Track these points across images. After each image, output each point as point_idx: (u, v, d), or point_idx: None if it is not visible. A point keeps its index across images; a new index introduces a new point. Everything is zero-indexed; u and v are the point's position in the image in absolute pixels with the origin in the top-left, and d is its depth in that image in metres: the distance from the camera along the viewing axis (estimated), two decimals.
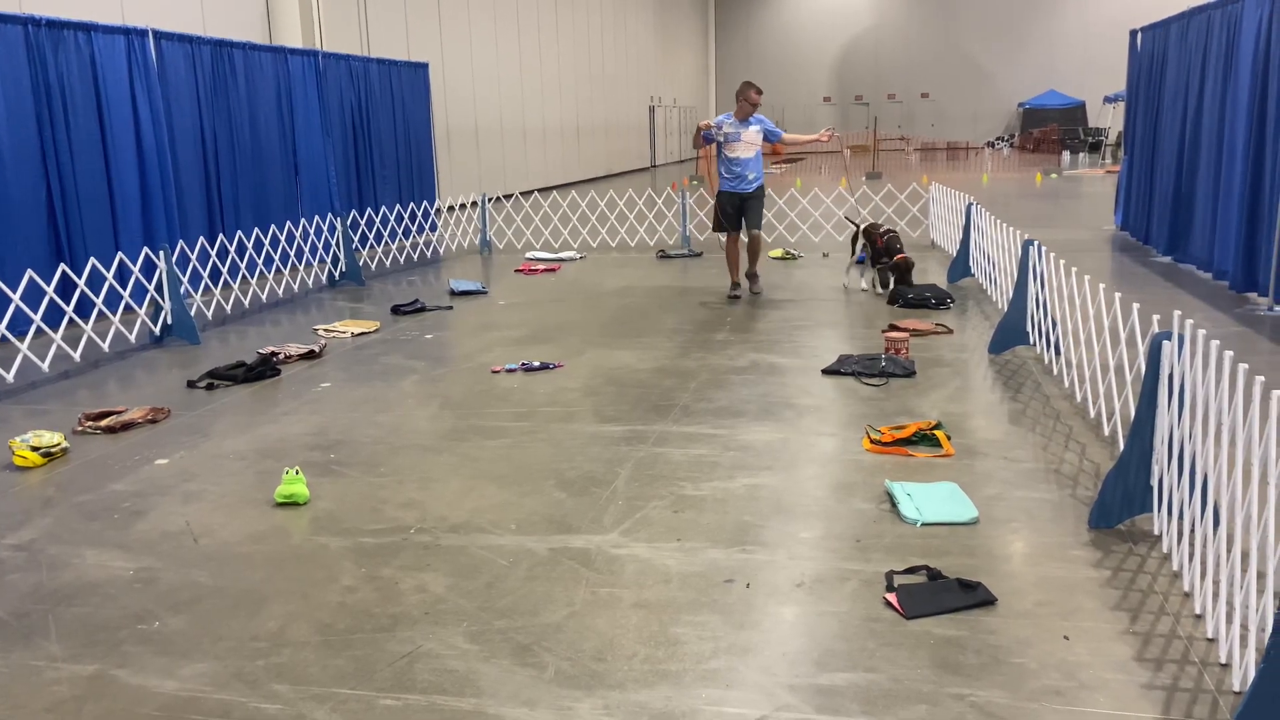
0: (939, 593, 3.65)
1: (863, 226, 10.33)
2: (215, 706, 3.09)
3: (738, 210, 9.86)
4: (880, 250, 9.95)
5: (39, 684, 3.25)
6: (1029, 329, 7.16)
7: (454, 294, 10.77)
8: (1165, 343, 3.90)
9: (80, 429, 6.03)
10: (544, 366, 7.33)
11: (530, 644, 3.41)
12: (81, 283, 8.33)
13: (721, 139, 9.70)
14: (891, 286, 9.64)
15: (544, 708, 3.04)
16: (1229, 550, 3.35)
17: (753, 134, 9.68)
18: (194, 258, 10.14)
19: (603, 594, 3.76)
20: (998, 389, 6.45)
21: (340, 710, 3.05)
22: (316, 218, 12.68)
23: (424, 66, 16.54)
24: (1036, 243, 7.05)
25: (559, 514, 4.55)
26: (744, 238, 10.13)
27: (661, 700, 3.06)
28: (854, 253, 10.34)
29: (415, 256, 14.07)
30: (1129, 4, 38.73)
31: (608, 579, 3.88)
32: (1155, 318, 4.57)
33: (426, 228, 15.61)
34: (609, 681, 3.17)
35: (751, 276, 10.20)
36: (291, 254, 12.09)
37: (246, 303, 10.49)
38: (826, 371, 6.90)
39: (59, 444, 5.59)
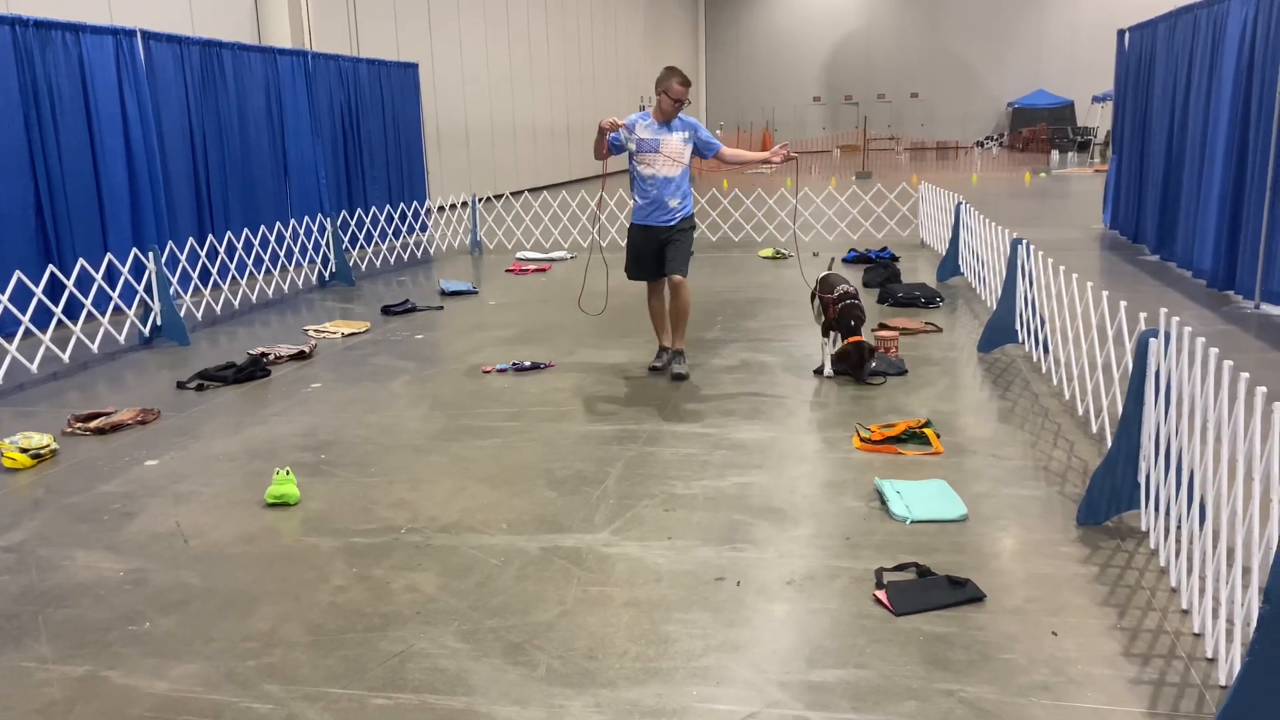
0: (928, 589, 3.67)
1: (817, 281, 7.19)
2: (206, 707, 3.09)
3: (654, 253, 6.82)
4: (832, 322, 6.78)
5: (29, 685, 3.24)
6: (1018, 327, 7.19)
7: (444, 294, 10.76)
8: (1152, 340, 3.92)
9: (69, 430, 6.02)
10: (535, 366, 7.33)
11: (521, 643, 3.42)
12: (70, 284, 8.30)
13: (632, 148, 6.72)
14: (829, 369, 6.79)
15: (535, 706, 3.05)
16: (1215, 546, 3.38)
17: (676, 144, 6.71)
18: (183, 259, 10.11)
19: (594, 592, 3.77)
20: (987, 387, 6.48)
21: (332, 710, 3.06)
22: (306, 218, 12.65)
23: (414, 67, 16.52)
24: (1025, 241, 7.08)
25: (550, 513, 4.56)
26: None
27: (653, 698, 3.07)
28: (816, 319, 7.19)
29: (405, 257, 14.05)
30: (1117, 4, 38.91)
31: (599, 577, 3.89)
32: (1142, 316, 4.60)
33: (416, 228, 15.59)
34: (600, 680, 3.18)
35: (676, 354, 7.01)
36: (281, 255, 12.06)
37: (236, 303, 10.46)
38: (818, 372, 6.91)
39: (48, 445, 5.57)
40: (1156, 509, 3.95)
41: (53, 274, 8.44)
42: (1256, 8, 8.73)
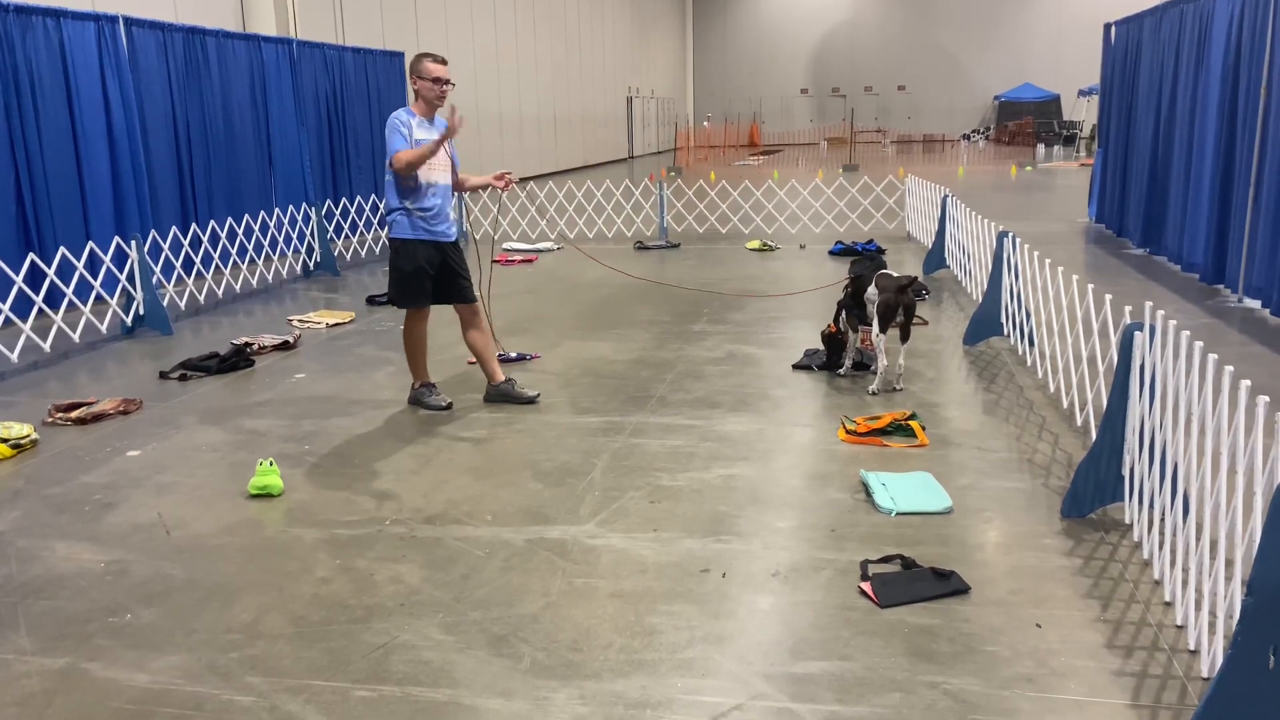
0: (913, 581, 3.67)
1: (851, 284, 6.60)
2: (188, 699, 3.07)
3: (440, 272, 5.98)
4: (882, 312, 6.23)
5: (8, 678, 3.21)
6: (1003, 320, 7.21)
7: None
8: (1137, 334, 3.93)
9: (50, 420, 5.96)
10: (520, 357, 7.31)
11: (506, 634, 3.41)
12: (51, 272, 8.22)
13: (414, 141, 5.77)
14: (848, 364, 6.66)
15: (520, 698, 3.04)
16: (1198, 539, 3.39)
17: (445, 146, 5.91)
18: (166, 247, 10.03)
19: (579, 584, 3.76)
20: (972, 380, 6.49)
21: (315, 702, 3.04)
22: (291, 207, 12.57)
23: (399, 56, 16.41)
24: (1011, 235, 7.10)
25: (535, 505, 4.55)
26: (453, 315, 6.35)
27: (637, 689, 3.07)
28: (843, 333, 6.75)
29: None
30: None
31: (584, 569, 3.88)
32: (1127, 309, 4.61)
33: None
34: (585, 671, 3.17)
35: (496, 381, 6.24)
36: (265, 244, 11.98)
37: (220, 293, 10.39)
38: (797, 367, 6.88)
39: (28, 435, 5.52)
40: (1140, 502, 3.96)
41: (33, 262, 8.35)
42: (1242, 3, 8.76)
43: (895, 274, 6.42)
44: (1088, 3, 41.95)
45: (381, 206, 14.83)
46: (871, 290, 6.32)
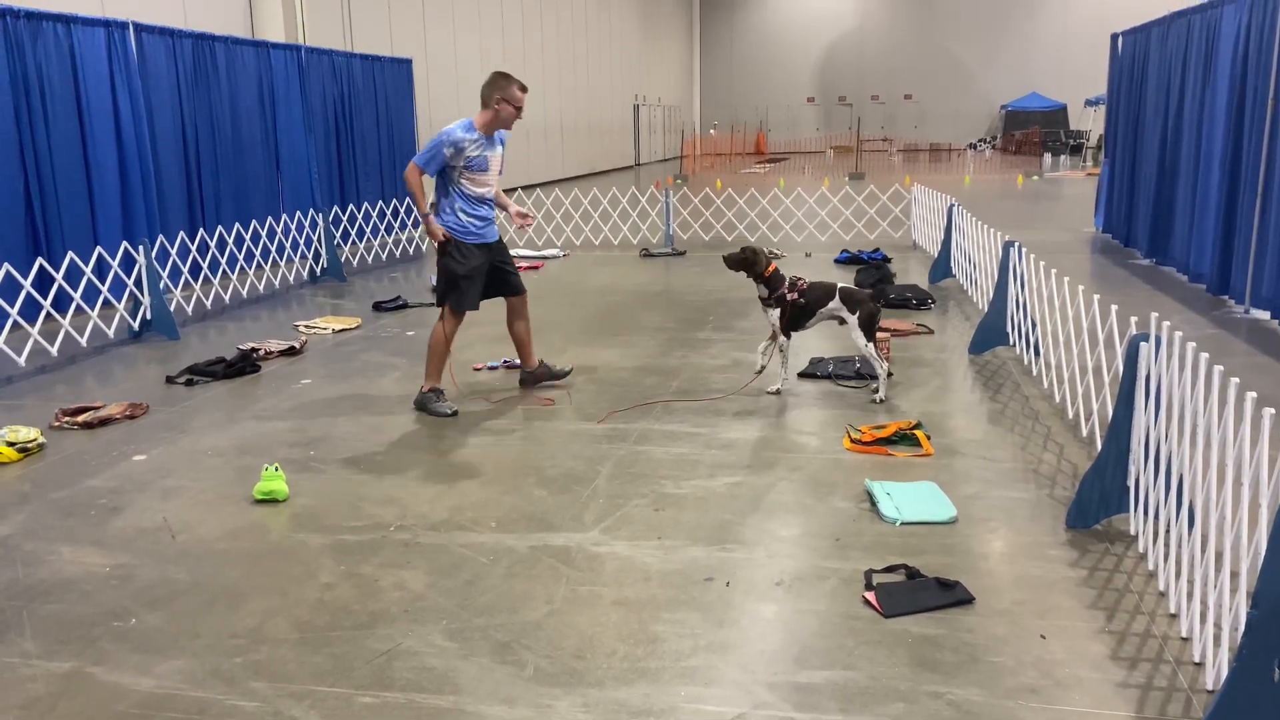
0: (917, 591, 3.66)
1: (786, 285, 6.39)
2: (192, 704, 3.07)
3: (487, 272, 6.33)
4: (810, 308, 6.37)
5: (13, 681, 3.22)
6: (1009, 330, 7.20)
7: (436, 291, 10.72)
8: (1143, 344, 3.93)
9: (57, 424, 5.98)
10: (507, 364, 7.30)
11: (509, 642, 3.41)
12: (59, 277, 8.25)
13: (461, 164, 6.02)
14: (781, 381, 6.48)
15: (523, 705, 3.04)
16: (1203, 550, 3.39)
17: (499, 159, 6.32)
18: (174, 253, 10.06)
19: (583, 592, 3.76)
20: (977, 389, 6.48)
21: (318, 708, 3.04)
22: (298, 213, 12.60)
23: (407, 62, 16.47)
24: (1017, 244, 7.09)
25: (539, 511, 4.55)
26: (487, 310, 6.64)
27: (640, 698, 3.06)
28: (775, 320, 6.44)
29: (397, 253, 14.01)
30: (1110, 7, 39.00)
31: (588, 577, 3.88)
32: (1133, 319, 4.60)
33: (409, 224, 15.55)
34: (588, 679, 3.17)
35: (532, 367, 6.73)
36: (273, 250, 12.01)
37: (227, 298, 10.42)
38: (803, 375, 6.89)
39: (35, 439, 5.54)
40: (1145, 513, 3.95)
41: (41, 267, 8.38)
42: (1249, 14, 8.76)
43: (853, 287, 6.52)
44: (1095, 13, 41.95)
45: (402, 210, 14.88)
46: (834, 304, 6.31)
